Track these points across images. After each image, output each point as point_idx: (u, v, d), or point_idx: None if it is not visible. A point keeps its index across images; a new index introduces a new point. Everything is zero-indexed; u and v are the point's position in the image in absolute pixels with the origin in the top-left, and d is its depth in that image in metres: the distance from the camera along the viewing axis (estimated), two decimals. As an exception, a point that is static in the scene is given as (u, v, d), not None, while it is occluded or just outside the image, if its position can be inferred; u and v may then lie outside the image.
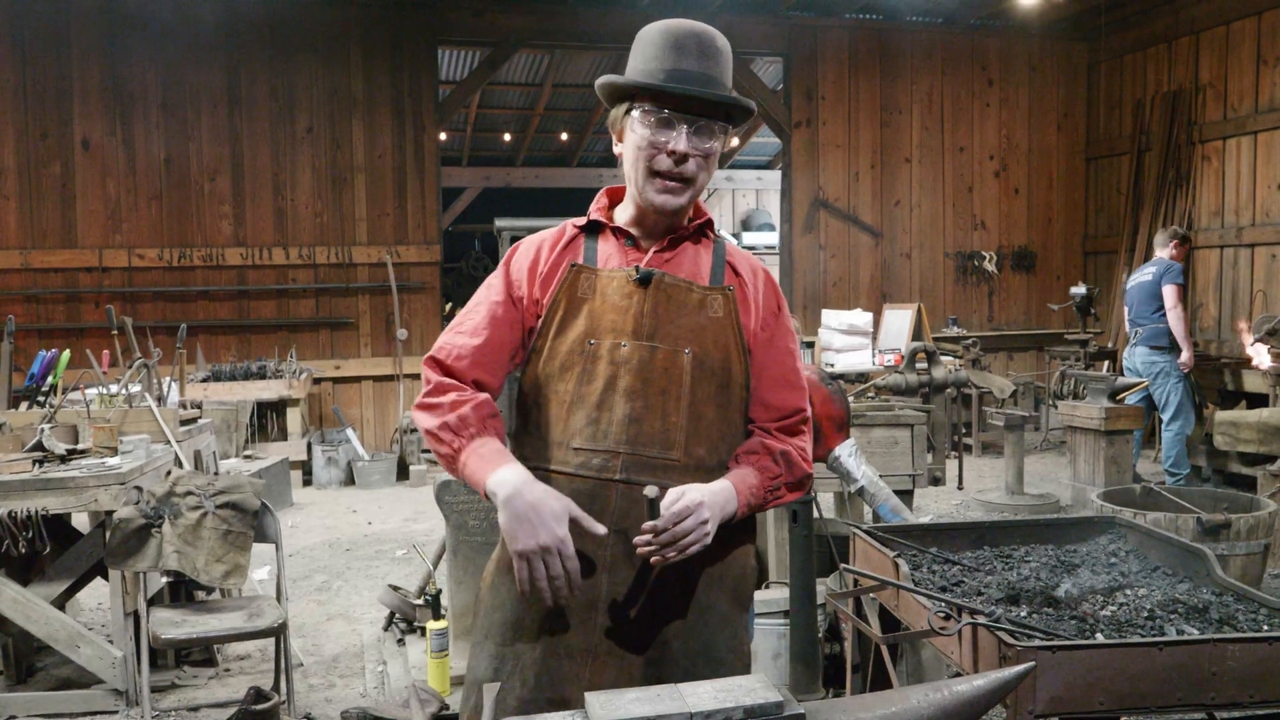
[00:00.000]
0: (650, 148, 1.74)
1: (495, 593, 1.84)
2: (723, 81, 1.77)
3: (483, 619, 1.85)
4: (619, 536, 1.74)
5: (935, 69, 9.87)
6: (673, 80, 1.72)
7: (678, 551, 1.66)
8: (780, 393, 1.87)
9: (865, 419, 4.37)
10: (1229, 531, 4.01)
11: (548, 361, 1.78)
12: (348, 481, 7.95)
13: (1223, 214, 8.64)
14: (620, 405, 1.74)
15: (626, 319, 1.76)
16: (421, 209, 8.70)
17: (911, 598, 2.20)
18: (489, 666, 1.79)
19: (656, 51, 1.75)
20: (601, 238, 1.85)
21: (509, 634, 1.79)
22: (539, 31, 8.94)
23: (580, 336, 1.76)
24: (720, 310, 1.81)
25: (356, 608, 4.93)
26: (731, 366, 1.81)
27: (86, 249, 8.03)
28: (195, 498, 3.53)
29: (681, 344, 1.77)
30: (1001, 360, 10.01)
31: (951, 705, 1.28)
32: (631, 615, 1.76)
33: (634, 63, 1.78)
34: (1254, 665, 1.85)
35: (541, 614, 1.76)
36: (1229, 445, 6.53)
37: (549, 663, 1.76)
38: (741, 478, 1.79)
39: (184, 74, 8.16)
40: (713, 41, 1.77)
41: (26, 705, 3.69)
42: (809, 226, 9.64)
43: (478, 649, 1.84)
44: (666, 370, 1.76)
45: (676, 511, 1.65)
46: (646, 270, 1.78)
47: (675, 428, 1.76)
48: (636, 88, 1.75)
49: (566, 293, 1.78)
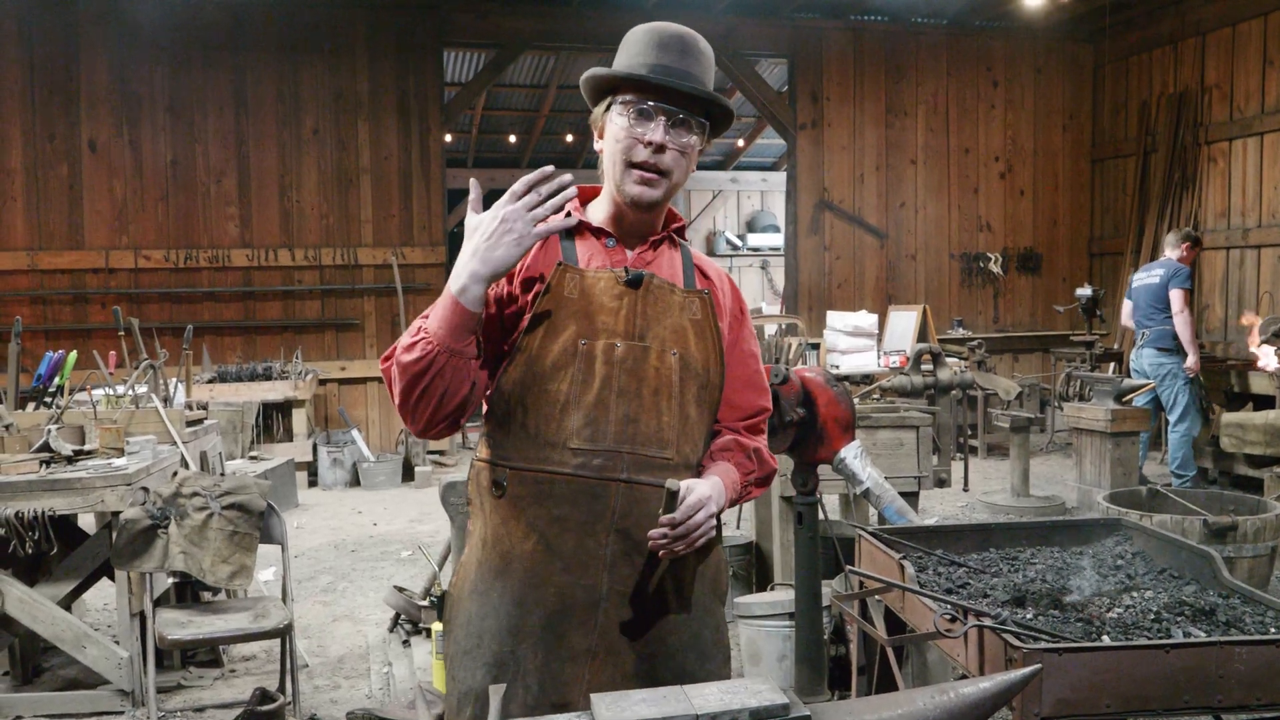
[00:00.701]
0: (629, 139, 1.75)
1: (482, 599, 1.79)
2: (703, 80, 1.79)
3: (468, 627, 1.80)
4: (619, 536, 1.75)
5: (940, 70, 9.86)
6: (654, 74, 1.75)
7: (687, 545, 1.68)
8: (746, 394, 1.92)
9: (870, 421, 4.37)
10: (1236, 534, 4.00)
11: (536, 361, 1.76)
12: (353, 483, 7.96)
13: (1229, 215, 8.62)
14: (617, 405, 1.74)
15: (618, 320, 1.77)
16: (427, 210, 8.72)
17: (917, 600, 2.19)
18: (486, 675, 1.76)
19: (639, 49, 1.78)
20: (579, 237, 1.85)
21: (508, 640, 1.76)
22: (544, 34, 8.96)
23: (572, 337, 1.75)
24: (699, 313, 1.83)
25: (362, 609, 4.93)
26: (710, 368, 1.84)
27: (93, 250, 8.06)
28: (201, 499, 3.54)
29: (669, 345, 1.79)
30: (1007, 362, 10.00)
31: (957, 708, 1.28)
32: (630, 614, 1.77)
33: (618, 61, 1.82)
34: (1261, 668, 1.85)
35: (543, 617, 1.75)
36: (1236, 447, 6.51)
37: (551, 666, 1.74)
38: (725, 472, 1.83)
39: (190, 76, 8.18)
40: (695, 43, 1.80)
41: (33, 705, 3.70)
42: (814, 228, 9.64)
43: (466, 658, 1.79)
44: (658, 371, 1.78)
45: (690, 504, 1.67)
46: (636, 272, 1.79)
47: (668, 427, 1.78)
48: (618, 79, 1.77)
49: (554, 292, 1.76)
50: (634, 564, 1.76)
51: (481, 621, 1.79)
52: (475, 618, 1.80)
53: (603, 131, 1.82)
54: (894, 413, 4.56)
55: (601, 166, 1.84)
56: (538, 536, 1.75)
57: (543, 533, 1.75)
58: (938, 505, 6.78)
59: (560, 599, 1.75)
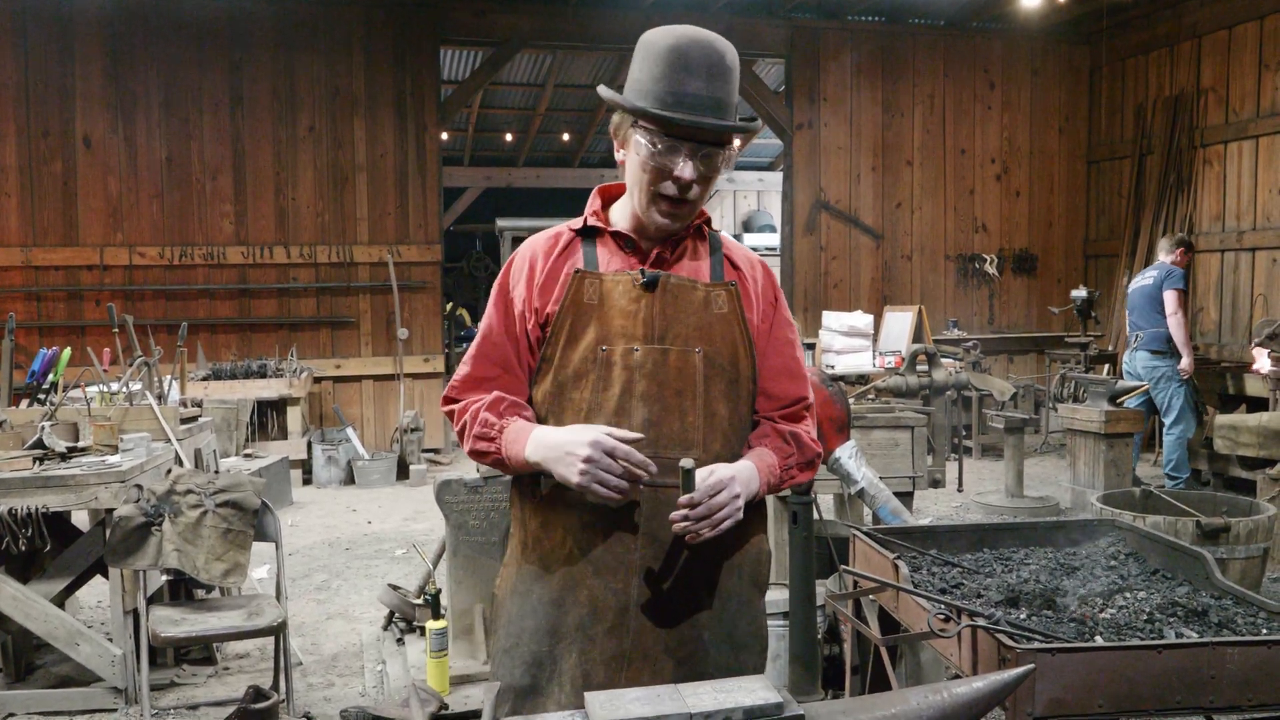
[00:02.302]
0: (654, 172, 1.73)
1: (522, 600, 1.83)
2: (731, 102, 1.74)
3: (508, 626, 1.85)
4: (647, 539, 1.75)
5: (937, 71, 9.87)
6: (680, 104, 1.68)
7: (711, 527, 1.67)
8: (782, 382, 1.89)
9: (865, 421, 4.38)
10: (1228, 535, 4.01)
11: (560, 370, 1.78)
12: (348, 481, 7.96)
13: (1224, 218, 8.64)
14: (638, 410, 1.75)
15: (636, 323, 1.76)
16: (423, 208, 8.71)
17: (911, 600, 2.20)
18: (525, 674, 1.80)
19: (663, 71, 1.70)
20: (600, 241, 1.85)
21: (545, 640, 1.79)
22: (541, 32, 8.95)
23: (591, 344, 1.76)
24: (725, 306, 1.81)
25: (356, 607, 4.93)
26: (739, 362, 1.82)
27: (88, 247, 8.04)
28: (195, 496, 3.53)
29: (692, 344, 1.78)
30: (1002, 363, 10.01)
31: (950, 707, 1.28)
32: (662, 617, 1.77)
33: (637, 74, 1.74)
34: (1253, 668, 1.85)
35: (577, 619, 1.77)
36: (1229, 449, 6.53)
37: (586, 669, 1.76)
38: (760, 456, 1.81)
39: (186, 72, 8.16)
40: (721, 60, 1.72)
41: (26, 703, 3.69)
42: (810, 228, 9.65)
43: (506, 656, 1.83)
44: (680, 371, 1.77)
45: (711, 484, 1.66)
46: (652, 274, 1.78)
47: (693, 427, 1.77)
48: (647, 115, 1.71)
49: (573, 300, 1.77)
50: (664, 567, 1.76)
51: (520, 621, 1.83)
52: (515, 617, 1.84)
53: (624, 142, 1.79)
54: (889, 413, 4.57)
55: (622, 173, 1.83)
56: (572, 541, 1.78)
57: (576, 538, 1.78)
58: (932, 505, 6.79)
59: (592, 603, 1.77)
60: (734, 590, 1.84)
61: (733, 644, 1.83)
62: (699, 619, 1.80)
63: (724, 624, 1.83)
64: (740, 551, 1.85)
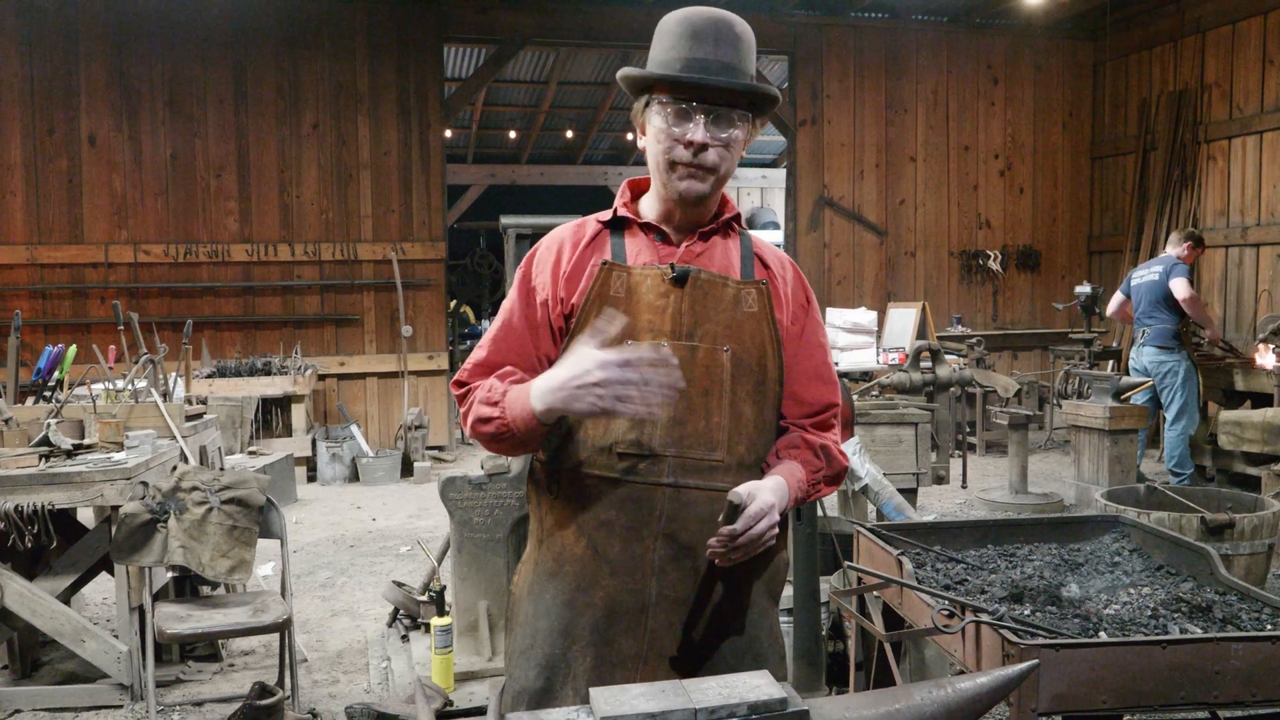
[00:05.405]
0: (668, 139, 1.71)
1: (537, 600, 1.80)
2: (743, 69, 1.72)
3: (524, 627, 1.81)
4: (667, 540, 1.72)
5: (940, 67, 9.86)
6: (689, 69, 1.68)
7: (744, 555, 1.64)
8: (812, 387, 1.84)
9: (869, 417, 4.38)
10: (1233, 531, 4.01)
11: None
12: (352, 478, 7.97)
13: (1228, 214, 8.62)
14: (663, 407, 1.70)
15: (664, 318, 1.72)
16: (427, 206, 8.71)
17: (915, 596, 2.20)
18: (540, 675, 1.76)
19: (674, 41, 1.71)
20: (629, 233, 1.81)
21: (559, 641, 1.75)
22: (545, 29, 8.95)
23: (618, 337, 1.70)
24: (755, 305, 1.77)
25: (361, 604, 4.94)
26: (767, 363, 1.77)
27: (93, 245, 8.05)
28: (201, 493, 3.54)
29: (720, 342, 1.73)
30: (1006, 359, 10.00)
31: (955, 703, 1.28)
32: (680, 619, 1.74)
33: (653, 54, 1.75)
34: (1257, 664, 1.85)
35: (592, 620, 1.74)
36: (1233, 445, 6.52)
37: (601, 670, 1.73)
38: (790, 471, 1.76)
39: (190, 70, 8.17)
40: (730, 28, 1.72)
41: (31, 699, 3.71)
42: (814, 225, 9.64)
43: (521, 658, 1.80)
44: (708, 369, 1.72)
45: (752, 514, 1.61)
46: (683, 268, 1.74)
47: (718, 428, 1.73)
48: (653, 79, 1.72)
49: (599, 292, 1.73)
50: (683, 569, 1.73)
51: (535, 622, 1.79)
52: (530, 618, 1.80)
53: (644, 128, 1.78)
54: (893, 409, 4.57)
55: (645, 162, 1.81)
56: (587, 540, 1.74)
57: (591, 536, 1.74)
58: (936, 502, 6.79)
59: (608, 604, 1.73)
60: (754, 600, 1.81)
61: (754, 654, 1.79)
62: (719, 623, 1.76)
63: (746, 634, 1.79)
64: (761, 559, 1.80)
